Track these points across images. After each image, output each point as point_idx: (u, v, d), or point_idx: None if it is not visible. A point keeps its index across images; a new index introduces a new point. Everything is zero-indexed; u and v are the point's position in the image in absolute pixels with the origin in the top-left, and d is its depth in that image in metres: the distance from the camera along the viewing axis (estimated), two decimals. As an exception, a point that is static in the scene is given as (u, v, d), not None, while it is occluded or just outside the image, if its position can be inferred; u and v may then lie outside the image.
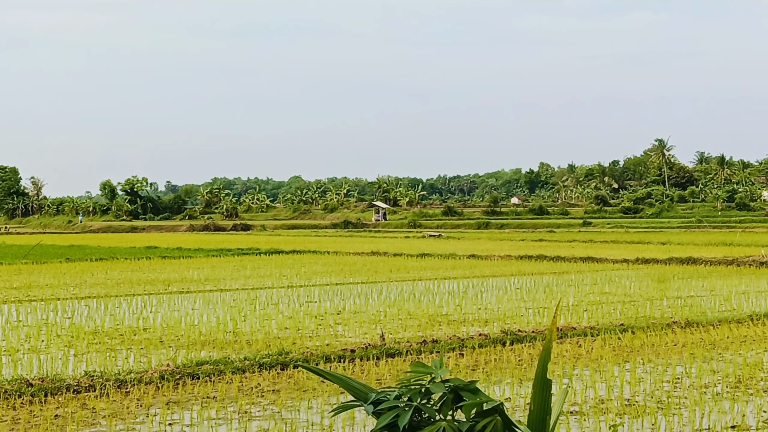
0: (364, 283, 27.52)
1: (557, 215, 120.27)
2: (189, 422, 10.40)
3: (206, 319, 19.15)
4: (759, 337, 16.10)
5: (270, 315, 19.54)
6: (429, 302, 21.81)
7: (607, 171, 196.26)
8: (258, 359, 13.33)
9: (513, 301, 22.04)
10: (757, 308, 19.83)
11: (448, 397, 4.82)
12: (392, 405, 4.82)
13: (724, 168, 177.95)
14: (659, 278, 27.76)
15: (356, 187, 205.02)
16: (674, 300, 21.80)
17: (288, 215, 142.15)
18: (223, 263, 38.37)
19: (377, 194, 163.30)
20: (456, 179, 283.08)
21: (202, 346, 15.50)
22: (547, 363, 4.96)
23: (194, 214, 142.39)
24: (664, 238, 53.81)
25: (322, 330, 17.30)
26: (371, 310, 20.32)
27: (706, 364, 13.47)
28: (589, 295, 23.08)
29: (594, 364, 13.58)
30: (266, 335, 16.50)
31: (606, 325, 16.84)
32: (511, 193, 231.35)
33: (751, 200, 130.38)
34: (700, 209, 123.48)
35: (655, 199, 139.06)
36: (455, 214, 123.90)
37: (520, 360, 13.96)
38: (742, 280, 27.16)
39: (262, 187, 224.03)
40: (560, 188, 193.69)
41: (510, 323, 17.66)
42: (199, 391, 11.88)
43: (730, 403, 10.99)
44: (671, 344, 15.31)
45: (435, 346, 14.64)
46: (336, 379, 5.05)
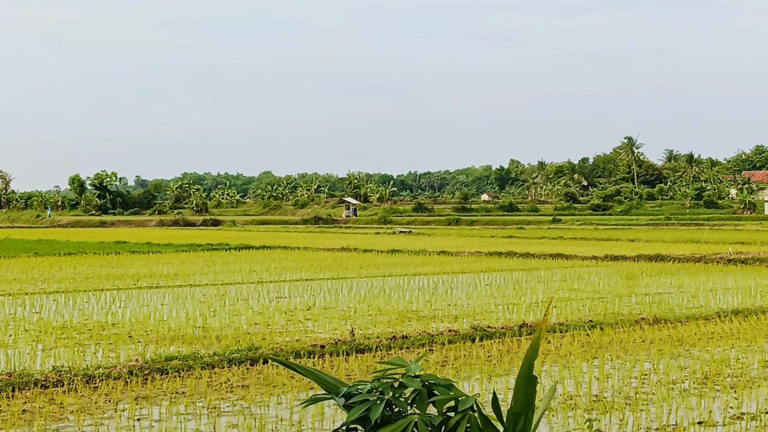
0: (334, 279, 27.50)
1: (527, 212, 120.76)
2: (157, 417, 10.35)
3: (175, 314, 19.07)
4: (726, 333, 16.24)
5: (240, 310, 19.48)
6: (399, 298, 21.82)
7: (576, 168, 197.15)
8: (227, 355, 13.29)
9: (483, 297, 22.10)
10: (724, 305, 19.99)
11: (421, 392, 4.83)
12: (364, 398, 4.82)
13: (692, 166, 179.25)
14: (628, 275, 27.93)
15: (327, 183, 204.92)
16: (642, 297, 21.94)
17: (258, 211, 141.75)
18: (192, 258, 38.21)
19: (348, 190, 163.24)
20: (426, 176, 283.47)
21: (171, 341, 15.44)
22: (534, 359, 4.97)
23: (164, 209, 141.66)
24: (633, 236, 54.15)
25: (292, 326, 17.28)
26: (341, 306, 20.31)
27: (673, 361, 13.57)
28: (558, 292, 23.18)
29: (563, 360, 13.64)
30: (236, 331, 16.45)
31: (575, 322, 16.93)
32: (481, 189, 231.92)
33: (718, 198, 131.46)
34: (668, 207, 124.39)
35: (624, 196, 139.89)
36: (426, 211, 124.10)
37: (490, 356, 14.00)
38: (709, 277, 27.37)
39: (232, 183, 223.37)
40: (530, 185, 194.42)
41: (479, 319, 17.71)
42: (167, 386, 11.83)
43: (697, 399, 11.08)
44: (639, 341, 15.41)
45: (405, 342, 14.66)
46: (307, 373, 5.05)
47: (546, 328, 16.16)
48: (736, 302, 20.62)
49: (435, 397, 4.83)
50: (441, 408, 4.84)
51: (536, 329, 16.02)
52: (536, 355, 5.03)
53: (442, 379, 4.88)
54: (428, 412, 4.85)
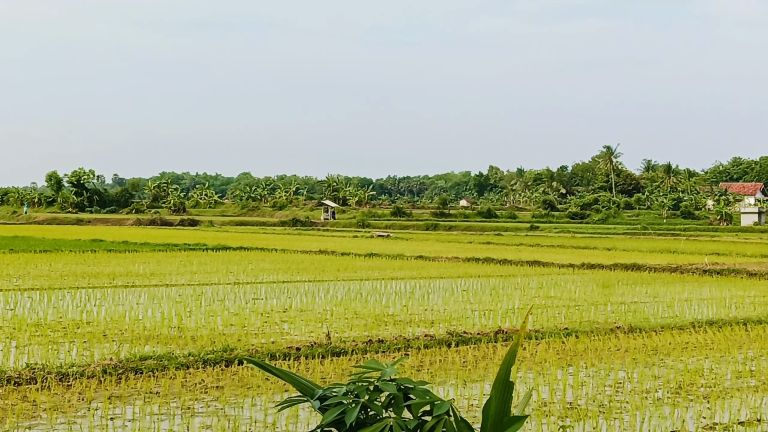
0: (311, 281, 27.47)
1: (505, 219, 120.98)
2: (131, 417, 10.30)
3: (151, 313, 19.00)
4: (700, 343, 16.33)
5: (215, 311, 19.42)
6: (376, 302, 21.82)
7: (555, 176, 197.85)
8: (202, 355, 13.25)
9: (459, 302, 22.13)
10: (699, 315, 20.10)
11: (397, 396, 4.83)
12: (339, 401, 4.82)
13: (670, 176, 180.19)
14: (604, 283, 28.03)
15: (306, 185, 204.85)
16: (618, 305, 22.02)
17: (236, 212, 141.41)
18: (169, 258, 38.08)
19: (327, 193, 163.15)
20: (406, 180, 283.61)
21: (146, 340, 15.37)
22: (511, 365, 4.98)
23: (141, 208, 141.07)
24: (610, 244, 54.36)
25: (268, 327, 17.24)
26: (318, 309, 20.28)
27: (647, 370, 13.63)
28: (534, 299, 23.24)
29: (538, 367, 13.68)
30: (211, 331, 16.40)
31: (551, 329, 16.98)
32: (460, 195, 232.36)
33: (695, 209, 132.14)
34: (645, 216, 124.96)
35: (601, 205, 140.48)
36: (404, 215, 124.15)
37: (465, 361, 14.01)
38: (685, 287, 27.51)
39: (210, 183, 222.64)
40: (509, 192, 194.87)
41: (456, 325, 17.73)
42: (141, 385, 11.77)
43: (670, 409, 11.13)
44: (614, 349, 15.46)
45: (381, 345, 14.67)
46: (282, 375, 5.03)
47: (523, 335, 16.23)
48: (711, 313, 20.73)
49: (410, 401, 4.83)
50: (416, 412, 4.84)
51: (512, 336, 16.07)
52: (513, 362, 5.04)
53: (418, 383, 4.88)
54: (404, 416, 4.85)
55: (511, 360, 4.99)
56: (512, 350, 5.04)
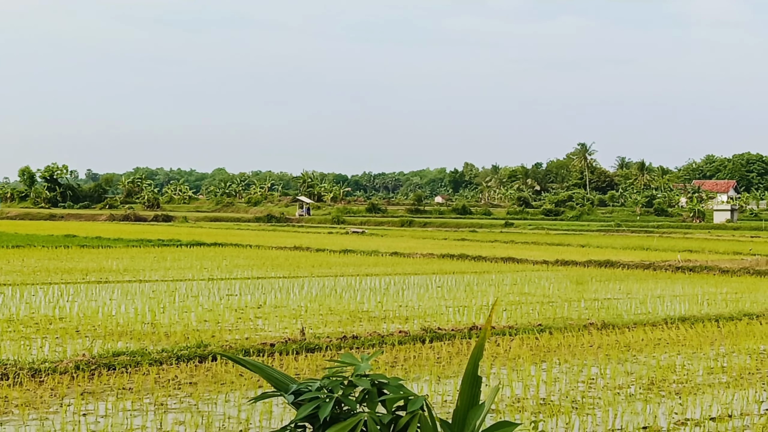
0: (285, 277, 27.43)
1: (480, 215, 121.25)
2: (104, 413, 10.26)
3: (124, 309, 18.92)
4: (672, 340, 16.43)
5: (189, 307, 19.36)
6: (350, 298, 21.82)
7: (530, 173, 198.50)
8: (176, 351, 13.21)
9: (434, 299, 22.16)
10: (671, 312, 20.23)
11: (371, 391, 4.83)
12: (313, 396, 4.82)
13: (643, 174, 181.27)
14: (577, 280, 28.15)
15: (281, 181, 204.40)
16: (591, 302, 22.13)
17: (211, 207, 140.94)
18: (142, 254, 37.91)
19: (302, 189, 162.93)
20: (381, 176, 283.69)
21: (119, 336, 15.31)
22: (478, 360, 5.00)
23: (115, 203, 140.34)
24: (584, 241, 54.59)
25: (242, 323, 17.21)
26: (292, 305, 20.26)
27: (620, 366, 13.71)
28: (508, 295, 23.31)
29: (511, 363, 13.72)
30: (185, 327, 16.35)
31: (524, 325, 17.03)
32: (435, 191, 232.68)
33: (669, 206, 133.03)
34: (619, 213, 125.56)
35: (576, 202, 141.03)
36: (379, 212, 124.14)
37: (439, 358, 14.04)
38: (657, 284, 27.67)
39: (185, 179, 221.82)
40: (484, 189, 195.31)
41: (430, 321, 17.76)
42: (114, 382, 11.73)
43: (642, 405, 11.20)
44: (587, 345, 15.54)
45: (355, 342, 14.67)
46: (256, 369, 5.03)
47: (492, 329, 16.27)
48: (683, 309, 20.87)
49: (385, 397, 4.84)
50: (390, 407, 4.85)
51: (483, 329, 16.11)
52: (481, 356, 5.06)
53: (392, 378, 4.89)
54: (378, 412, 4.85)
55: (478, 354, 5.01)
56: (479, 344, 5.06)
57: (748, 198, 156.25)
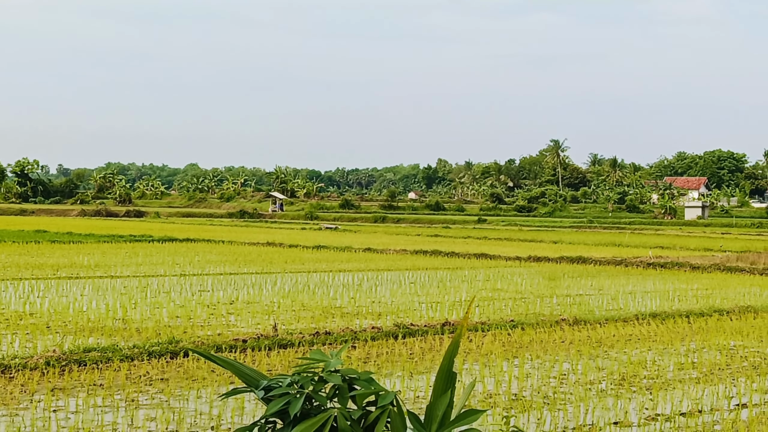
0: (258, 273, 27.37)
1: (453, 211, 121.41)
2: (74, 409, 10.20)
3: (95, 305, 18.81)
4: (643, 336, 16.53)
5: (161, 303, 19.28)
6: (323, 294, 21.80)
7: (503, 169, 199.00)
8: (147, 347, 13.15)
9: (407, 295, 22.18)
10: (642, 308, 20.34)
11: (341, 387, 4.82)
12: (284, 392, 4.81)
13: (616, 170, 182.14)
14: (550, 276, 28.26)
15: (253, 177, 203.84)
16: (563, 298, 22.22)
17: (183, 203, 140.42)
18: (114, 249, 37.71)
19: (275, 185, 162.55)
20: (354, 172, 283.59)
21: (90, 332, 15.22)
22: (454, 356, 4.99)
23: (86, 198, 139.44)
24: (556, 237, 54.80)
25: (214, 319, 17.16)
26: (265, 301, 20.22)
27: (592, 362, 13.77)
28: (481, 291, 23.36)
29: (484, 358, 13.76)
30: (157, 323, 16.28)
31: (497, 321, 17.08)
32: (408, 188, 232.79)
33: (640, 202, 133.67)
34: (591, 210, 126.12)
35: (548, 198, 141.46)
36: (352, 207, 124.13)
37: (412, 353, 14.06)
38: (629, 280, 27.82)
39: (157, 174, 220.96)
40: (457, 185, 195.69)
41: (403, 317, 17.78)
42: (85, 378, 11.66)
43: (613, 400, 11.26)
44: (559, 341, 15.60)
45: (328, 338, 14.66)
46: (227, 365, 5.01)
47: (468, 326, 16.29)
48: (654, 305, 20.99)
49: (355, 392, 4.83)
50: (361, 403, 4.85)
51: (459, 326, 16.13)
52: (456, 352, 5.05)
53: (363, 373, 4.88)
54: (348, 407, 4.85)
55: (454, 350, 5.01)
56: (455, 341, 5.05)
57: (719, 195, 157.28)
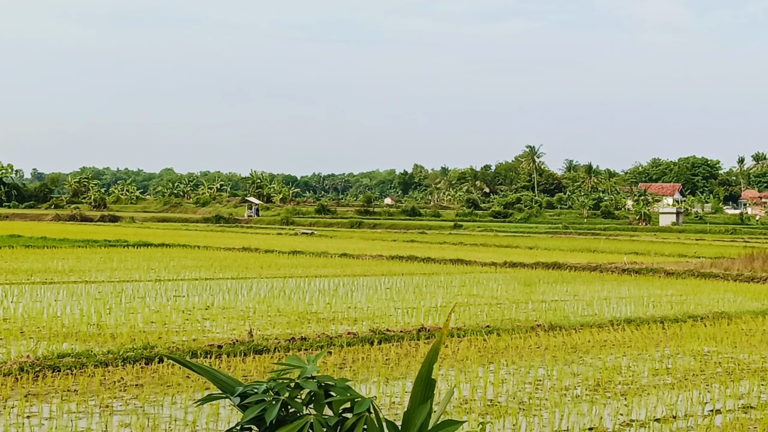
0: (234, 278, 27.29)
1: (429, 217, 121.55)
2: (48, 415, 10.13)
3: (69, 310, 18.70)
4: (618, 341, 16.60)
5: (136, 308, 19.19)
6: (299, 300, 21.77)
7: (479, 175, 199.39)
8: (122, 353, 13.09)
9: (383, 300, 22.18)
10: (617, 314, 20.43)
11: (317, 393, 4.82)
12: (259, 398, 4.80)
13: (591, 176, 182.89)
14: (525, 282, 28.33)
15: (229, 181, 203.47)
16: (539, 303, 22.28)
17: (158, 208, 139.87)
18: (89, 254, 37.51)
19: (250, 190, 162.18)
20: (330, 178, 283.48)
21: (65, 338, 15.13)
22: (433, 363, 5.00)
23: (61, 203, 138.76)
24: (532, 243, 54.96)
25: (190, 325, 17.09)
26: (240, 306, 20.17)
27: (567, 367, 13.82)
28: (457, 297, 23.39)
29: (459, 364, 13.78)
30: (131, 329, 16.20)
31: (472, 327, 17.11)
32: (384, 193, 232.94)
33: (615, 208, 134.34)
34: (567, 216, 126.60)
35: (524, 204, 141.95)
36: (328, 213, 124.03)
37: (388, 359, 14.06)
38: (604, 286, 27.93)
39: (132, 179, 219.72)
40: (433, 190, 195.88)
41: (379, 322, 17.77)
42: (59, 383, 11.59)
43: (588, 406, 11.30)
44: (534, 347, 15.65)
45: (303, 343, 14.64)
46: (202, 371, 4.99)
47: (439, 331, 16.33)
48: (629, 311, 21.08)
49: (331, 399, 4.83)
50: (337, 409, 4.84)
51: (435, 333, 16.15)
52: (436, 359, 5.06)
53: (339, 380, 4.88)
54: (324, 414, 4.84)
55: (433, 358, 5.02)
56: (435, 348, 5.06)
57: (693, 201, 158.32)
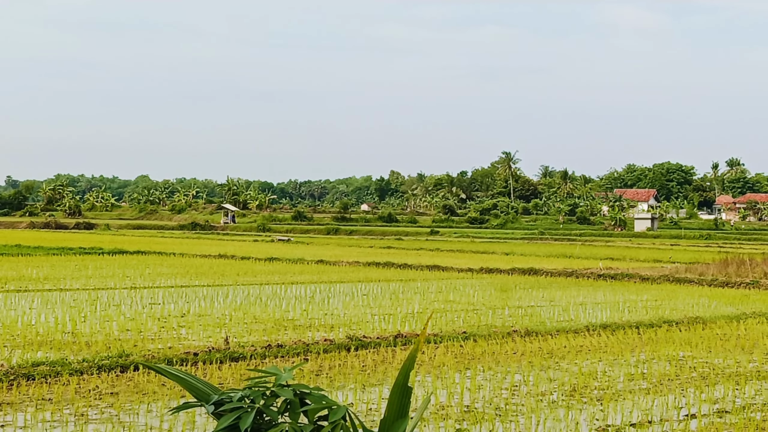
0: (210, 286, 27.21)
1: (406, 223, 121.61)
2: (22, 424, 10.06)
3: (44, 319, 18.58)
4: (594, 347, 16.66)
5: (111, 316, 19.10)
6: (275, 307, 21.72)
7: (455, 181, 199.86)
8: (97, 361, 13.02)
9: (359, 307, 22.17)
10: (593, 319, 20.50)
11: (293, 401, 4.81)
12: (235, 406, 4.78)
13: (566, 182, 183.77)
14: (502, 288, 28.39)
15: (205, 188, 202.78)
16: (515, 309, 22.34)
17: (134, 215, 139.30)
18: (63, 262, 37.29)
19: (227, 197, 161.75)
20: (307, 184, 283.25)
21: (39, 346, 15.03)
22: (410, 370, 4.99)
23: (35, 210, 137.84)
24: (508, 249, 55.08)
25: (165, 333, 17.02)
26: (216, 314, 20.10)
27: (543, 373, 13.85)
28: (433, 303, 23.41)
29: (436, 370, 13.79)
30: (106, 337, 16.12)
31: (449, 333, 17.13)
32: (361, 199, 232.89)
33: (591, 214, 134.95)
34: (543, 221, 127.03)
35: (500, 210, 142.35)
36: (305, 219, 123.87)
37: (364, 366, 14.05)
38: (580, 291, 28.03)
39: (107, 186, 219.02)
40: (409, 197, 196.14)
41: (355, 329, 17.77)
42: (34, 392, 11.51)
43: (564, 411, 11.33)
44: (511, 352, 15.68)
45: (280, 350, 14.61)
46: (177, 378, 4.97)
47: (415, 337, 16.34)
48: (605, 317, 21.16)
49: (307, 407, 4.82)
50: (312, 417, 4.84)
51: (411, 339, 16.16)
52: (413, 366, 5.06)
53: (314, 388, 4.87)
54: (300, 422, 4.84)
55: (410, 365, 5.02)
56: (411, 355, 5.06)
57: (668, 207, 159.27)
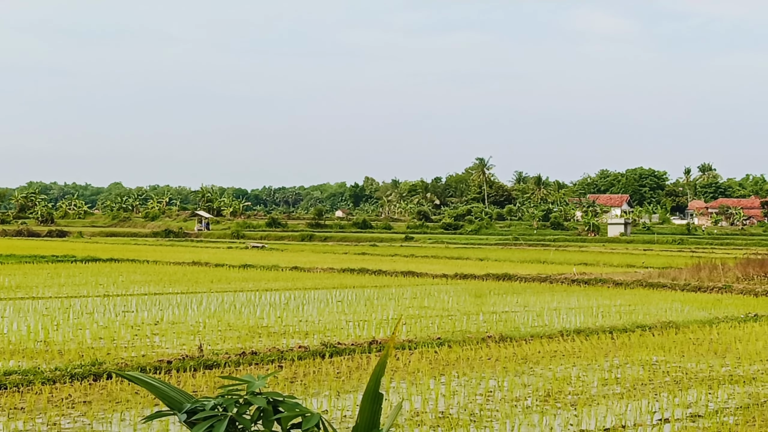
0: (183, 293, 27.09)
1: (380, 229, 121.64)
2: (-6, 435, 9.99)
3: (16, 327, 18.45)
4: (568, 352, 16.71)
5: (84, 324, 18.98)
6: (250, 314, 21.66)
7: (429, 187, 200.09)
8: (70, 370, 12.93)
9: (334, 313, 22.15)
10: (567, 324, 20.57)
11: (266, 409, 4.80)
12: (208, 415, 4.76)
13: (540, 188, 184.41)
14: (476, 293, 28.44)
15: (179, 195, 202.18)
16: (490, 315, 22.38)
17: (107, 222, 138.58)
18: (36, 270, 37.03)
19: (200, 204, 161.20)
20: (281, 191, 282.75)
21: (11, 355, 14.92)
22: (381, 377, 4.99)
23: (7, 218, 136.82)
24: (482, 255, 55.20)
25: (139, 341, 16.93)
26: (190, 321, 20.02)
27: (517, 378, 13.88)
28: (408, 309, 23.42)
29: (411, 377, 13.78)
30: (79, 345, 16.02)
31: (424, 339, 17.13)
32: (335, 206, 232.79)
33: (565, 220, 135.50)
34: (517, 227, 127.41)
35: (474, 216, 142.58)
36: (279, 226, 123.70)
37: (339, 372, 14.03)
38: (554, 296, 28.12)
39: (80, 193, 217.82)
40: (384, 203, 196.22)
41: (330, 336, 17.74)
42: (6, 401, 11.42)
43: (539, 416, 11.35)
44: (485, 358, 15.70)
45: (254, 358, 14.57)
46: (149, 386, 4.94)
47: (395, 346, 16.31)
48: (579, 322, 21.24)
49: (280, 415, 4.81)
50: (286, 425, 4.82)
51: (386, 346, 16.16)
52: (383, 372, 5.05)
53: (288, 396, 4.86)
54: (273, 430, 4.82)
55: (381, 371, 5.01)
56: (382, 361, 5.05)
57: (641, 212, 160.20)
